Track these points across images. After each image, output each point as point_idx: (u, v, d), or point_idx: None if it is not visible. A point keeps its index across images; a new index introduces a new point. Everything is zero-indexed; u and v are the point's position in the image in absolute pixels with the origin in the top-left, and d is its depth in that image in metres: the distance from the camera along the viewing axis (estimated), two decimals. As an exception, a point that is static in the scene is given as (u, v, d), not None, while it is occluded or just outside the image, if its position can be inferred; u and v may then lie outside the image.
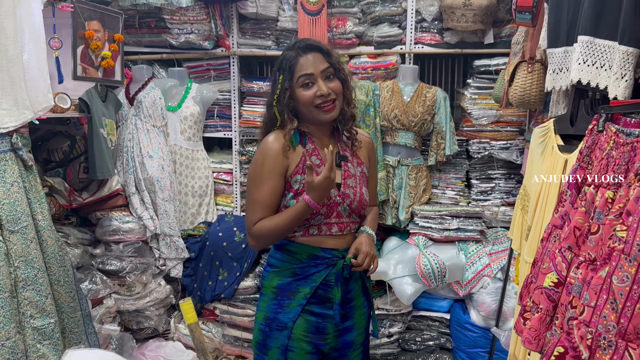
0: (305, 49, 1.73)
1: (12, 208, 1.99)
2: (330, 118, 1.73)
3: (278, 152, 1.71)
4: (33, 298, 2.01)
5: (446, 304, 3.08)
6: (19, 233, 1.99)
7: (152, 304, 3.08)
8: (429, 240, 3.03)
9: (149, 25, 3.37)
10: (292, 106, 1.74)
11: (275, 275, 1.81)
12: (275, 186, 1.72)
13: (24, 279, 1.98)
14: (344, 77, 1.76)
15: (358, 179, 1.81)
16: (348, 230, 1.79)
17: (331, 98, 1.70)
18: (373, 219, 1.94)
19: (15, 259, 1.96)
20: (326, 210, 1.72)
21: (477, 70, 3.24)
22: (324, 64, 1.71)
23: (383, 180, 3.13)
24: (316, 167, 1.73)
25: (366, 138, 1.92)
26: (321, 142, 1.80)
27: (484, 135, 3.21)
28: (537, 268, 1.32)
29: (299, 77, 1.70)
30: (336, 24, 3.26)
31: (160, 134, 3.23)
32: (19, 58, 2.13)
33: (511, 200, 3.22)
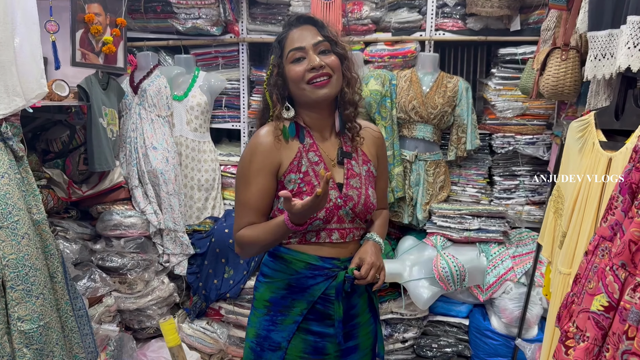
0: (297, 22, 1.54)
1: (1, 202, 1.84)
2: (325, 95, 1.48)
3: (268, 148, 1.50)
4: (22, 299, 1.87)
5: (465, 308, 2.90)
6: (8, 229, 1.84)
7: (155, 302, 2.94)
8: (448, 241, 2.85)
9: (155, 9, 3.21)
10: (280, 85, 1.53)
11: (268, 286, 1.60)
12: (264, 186, 1.51)
13: (12, 278, 1.83)
14: (343, 52, 1.52)
15: (363, 179, 1.58)
16: (351, 238, 1.57)
17: (325, 72, 1.47)
18: (382, 225, 1.71)
19: (4, 256, 1.82)
20: (325, 215, 1.50)
21: (502, 59, 3.03)
22: (317, 37, 1.49)
23: (399, 176, 2.95)
24: (314, 165, 1.52)
25: (373, 132, 1.69)
26: (321, 135, 1.58)
27: (508, 129, 3.00)
28: (580, 286, 1.14)
29: (289, 51, 1.49)
30: (351, 9, 3.06)
31: (165, 125, 3.08)
32: (9, 41, 1.98)
33: (537, 199, 3.03)
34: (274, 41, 1.56)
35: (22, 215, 1.89)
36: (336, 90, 1.51)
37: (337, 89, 1.51)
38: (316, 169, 1.51)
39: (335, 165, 1.56)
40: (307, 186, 1.49)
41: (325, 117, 1.57)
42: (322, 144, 1.57)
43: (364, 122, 1.66)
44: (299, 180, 1.50)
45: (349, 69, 1.54)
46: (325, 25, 1.53)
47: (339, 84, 1.51)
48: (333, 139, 1.59)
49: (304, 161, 1.52)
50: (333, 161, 1.56)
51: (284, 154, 1.51)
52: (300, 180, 1.50)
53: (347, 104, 1.55)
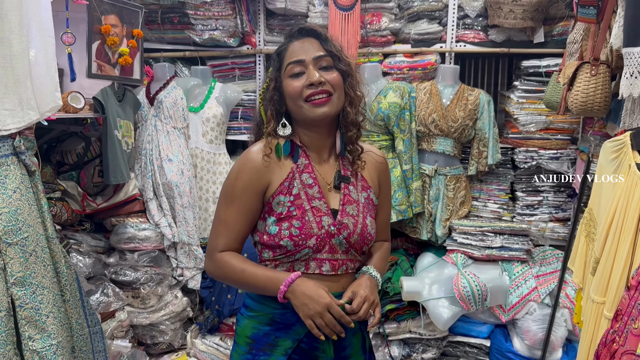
0: (298, 33, 1.41)
1: (12, 218, 1.80)
2: (323, 114, 1.36)
3: (257, 166, 1.38)
4: (32, 317, 1.82)
5: (486, 329, 2.81)
6: (17, 245, 1.80)
7: (168, 317, 2.89)
8: (469, 259, 2.76)
9: (172, 20, 3.19)
10: (276, 100, 1.40)
11: (250, 321, 1.44)
12: (247, 207, 1.39)
13: (20, 296, 1.79)
14: (346, 69, 1.40)
15: (362, 207, 1.44)
16: (344, 270, 1.41)
17: (325, 89, 1.35)
18: (382, 258, 1.56)
19: (12, 274, 1.78)
20: (316, 243, 1.36)
21: (525, 72, 2.95)
22: (318, 51, 1.38)
23: (418, 190, 2.88)
24: (307, 188, 1.39)
25: (376, 157, 1.55)
26: (319, 156, 1.45)
27: (531, 143, 2.92)
28: (622, 324, 1.06)
29: (288, 64, 1.38)
30: (370, 20, 3.01)
31: (181, 136, 3.04)
32: (24, 54, 1.95)
33: (560, 215, 2.94)
34: (273, 53, 1.46)
35: (32, 231, 1.85)
36: (336, 110, 1.39)
37: (337, 108, 1.39)
38: (309, 192, 1.39)
39: (332, 189, 1.44)
40: (297, 210, 1.37)
41: (324, 137, 1.45)
42: (318, 165, 1.44)
43: (366, 146, 1.54)
44: (289, 203, 1.37)
45: (352, 86, 1.42)
46: (328, 38, 1.42)
47: (340, 103, 1.40)
48: (331, 161, 1.47)
49: (296, 183, 1.40)
50: (329, 185, 1.44)
51: (275, 174, 1.40)
52: (291, 203, 1.38)
53: (350, 125, 1.43)
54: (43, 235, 1.93)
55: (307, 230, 1.35)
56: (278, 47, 1.44)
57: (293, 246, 1.35)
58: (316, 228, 1.36)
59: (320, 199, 1.39)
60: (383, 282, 2.81)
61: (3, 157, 1.87)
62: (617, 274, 1.38)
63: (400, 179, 2.84)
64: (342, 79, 1.40)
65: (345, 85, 1.40)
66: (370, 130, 2.88)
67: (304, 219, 1.36)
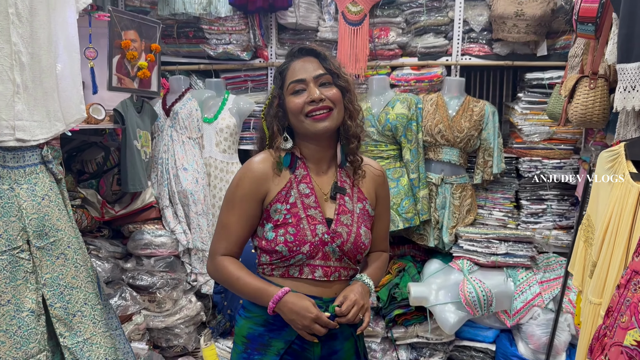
0: (299, 53, 1.51)
1: (41, 223, 1.91)
2: (324, 129, 1.45)
3: (257, 175, 1.48)
4: (61, 316, 1.93)
5: (492, 333, 2.88)
6: (44, 249, 1.91)
7: (182, 321, 2.99)
8: (474, 265, 2.84)
9: (187, 35, 3.31)
10: (280, 117, 1.50)
11: (247, 321, 1.53)
12: (247, 213, 1.48)
13: (50, 297, 1.90)
14: (345, 85, 1.49)
15: (356, 217, 1.51)
16: (336, 277, 1.49)
17: (325, 105, 1.44)
18: (378, 268, 1.63)
19: (42, 276, 1.89)
20: (309, 250, 1.44)
21: (528, 84, 3.04)
22: (318, 70, 1.47)
23: (425, 198, 2.96)
24: (304, 197, 1.47)
25: (375, 170, 1.61)
26: (318, 167, 1.54)
27: (535, 153, 3.00)
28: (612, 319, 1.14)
29: (290, 83, 1.47)
30: (378, 35, 3.12)
31: (196, 146, 3.15)
32: (52, 69, 2.07)
33: (564, 223, 3.01)
34: (276, 71, 1.55)
35: (60, 235, 1.96)
36: (336, 124, 1.48)
37: (337, 122, 1.48)
38: (306, 201, 1.47)
39: (328, 199, 1.51)
40: (293, 218, 1.45)
41: (324, 150, 1.53)
42: (316, 176, 1.53)
43: (365, 159, 1.61)
44: (285, 211, 1.46)
45: (351, 101, 1.50)
46: (327, 57, 1.50)
47: (340, 117, 1.48)
48: (330, 172, 1.55)
49: (293, 192, 1.48)
50: (326, 195, 1.52)
51: (273, 183, 1.48)
52: (287, 211, 1.46)
53: (351, 137, 1.51)
54: (75, 238, 2.04)
55: (301, 237, 1.44)
56: (280, 66, 1.54)
57: (287, 252, 1.44)
58: (310, 235, 1.44)
59: (315, 208, 1.48)
60: (391, 287, 2.90)
61: (33, 166, 1.98)
62: (613, 276, 1.46)
63: (407, 187, 2.93)
64: (342, 94, 1.48)
65: (345, 100, 1.49)
66: (378, 140, 2.98)
67: (299, 227, 1.45)
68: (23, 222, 1.85)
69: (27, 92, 1.93)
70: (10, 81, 1.88)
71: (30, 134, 1.95)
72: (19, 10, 1.87)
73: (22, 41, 1.90)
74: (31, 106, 1.95)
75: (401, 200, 2.90)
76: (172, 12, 3.18)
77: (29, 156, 1.97)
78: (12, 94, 1.88)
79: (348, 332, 1.51)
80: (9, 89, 1.87)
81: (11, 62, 1.88)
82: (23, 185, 1.89)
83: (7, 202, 1.84)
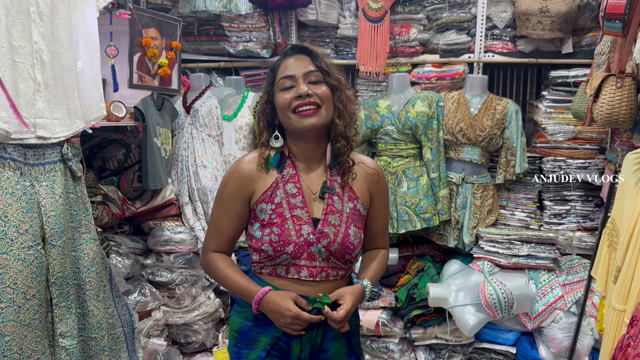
0: (292, 51, 1.52)
1: (57, 221, 1.94)
2: (310, 125, 1.43)
3: (244, 175, 1.50)
4: (64, 316, 1.95)
5: (512, 336, 2.83)
6: (59, 247, 1.93)
7: (201, 317, 3.00)
8: (495, 267, 2.79)
9: (208, 32, 3.32)
10: (268, 113, 1.52)
11: (238, 316, 1.56)
12: (234, 211, 1.51)
13: (57, 295, 1.92)
14: (335, 84, 1.48)
15: (345, 217, 1.49)
16: (323, 277, 1.47)
17: (312, 101, 1.43)
18: (379, 268, 1.61)
19: (53, 274, 1.91)
20: (294, 250, 1.44)
21: (553, 82, 2.97)
22: (309, 67, 1.47)
23: (445, 198, 2.92)
24: (290, 197, 1.48)
25: (367, 168, 1.58)
26: (308, 166, 1.53)
27: (559, 153, 2.93)
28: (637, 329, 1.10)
29: (279, 79, 1.48)
30: (399, 31, 3.08)
31: (215, 144, 3.16)
32: (72, 67, 2.09)
33: (588, 225, 2.94)
34: (269, 69, 1.55)
35: (71, 234, 1.98)
36: (324, 121, 1.46)
37: (325, 120, 1.46)
38: (292, 201, 1.47)
39: (317, 199, 1.50)
40: (278, 218, 1.46)
41: (313, 148, 1.52)
42: (306, 175, 1.52)
43: (359, 157, 1.59)
44: (270, 211, 1.46)
45: (341, 100, 1.48)
46: (319, 55, 1.50)
47: (328, 115, 1.47)
48: (320, 171, 1.53)
49: (279, 192, 1.48)
50: (314, 195, 1.50)
51: (260, 183, 1.49)
52: (272, 211, 1.46)
53: (339, 137, 1.49)
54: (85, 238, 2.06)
55: (285, 237, 1.45)
56: (273, 64, 1.54)
57: (272, 251, 1.45)
58: (294, 236, 1.44)
59: (302, 208, 1.48)
60: (410, 288, 2.87)
61: (52, 163, 2.00)
62: (638, 283, 1.42)
63: (426, 187, 2.89)
64: (331, 92, 1.47)
65: (334, 98, 1.48)
66: (398, 138, 2.94)
67: (284, 227, 1.45)
68: (41, 220, 1.88)
69: (48, 90, 1.96)
70: (31, 79, 1.90)
71: (50, 132, 1.98)
72: (40, 9, 1.89)
73: (43, 40, 1.92)
74: (52, 104, 1.98)
75: (419, 200, 2.86)
76: (193, 10, 3.19)
77: (49, 154, 1.99)
78: (33, 92, 1.90)
79: (337, 332, 1.50)
80: (30, 87, 1.90)
81: (32, 61, 1.90)
82: (43, 182, 1.92)
83: (30, 199, 1.87)
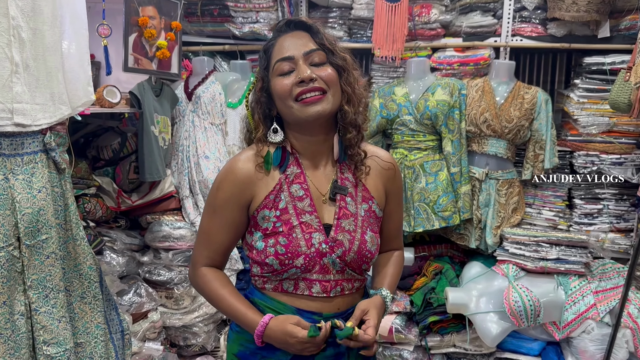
0: (287, 27, 1.28)
1: (34, 218, 1.74)
2: (316, 114, 1.21)
3: (240, 178, 1.27)
4: (46, 322, 1.76)
5: (537, 346, 2.62)
6: (34, 247, 1.73)
7: (201, 319, 2.80)
8: (521, 271, 2.57)
9: (212, 13, 3.09)
10: (264, 103, 1.28)
11: (238, 337, 1.34)
12: (229, 220, 1.29)
13: (35, 300, 1.73)
14: (341, 63, 1.26)
15: (360, 221, 1.29)
16: (338, 292, 1.28)
17: (317, 86, 1.21)
18: (396, 274, 1.43)
19: (28, 277, 1.72)
20: (304, 262, 1.23)
21: (587, 69, 2.73)
22: (309, 45, 1.24)
23: (467, 195, 2.69)
24: (297, 200, 1.26)
25: (382, 162, 1.37)
26: (314, 163, 1.31)
27: (592, 147, 2.70)
28: None
29: (276, 62, 1.24)
30: (419, 12, 2.83)
31: (218, 133, 2.95)
32: (57, 46, 1.89)
33: (622, 226, 2.72)
34: (260, 50, 1.32)
35: (53, 233, 1.78)
36: (331, 108, 1.24)
37: (332, 107, 1.24)
38: (299, 205, 1.26)
39: (327, 201, 1.29)
40: (284, 226, 1.24)
41: (319, 142, 1.30)
42: (312, 174, 1.30)
43: (371, 148, 1.38)
44: (275, 219, 1.25)
45: (349, 83, 1.27)
46: (320, 31, 1.27)
47: (335, 101, 1.25)
48: (328, 168, 1.32)
49: (284, 195, 1.27)
50: (324, 197, 1.30)
51: (260, 186, 1.27)
52: (277, 218, 1.25)
53: (349, 126, 1.28)
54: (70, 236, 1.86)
55: (294, 248, 1.23)
56: (265, 43, 1.31)
57: (279, 265, 1.24)
58: (305, 246, 1.23)
59: (311, 213, 1.27)
60: (427, 292, 2.66)
61: (32, 154, 1.81)
62: None
63: (446, 182, 2.67)
64: (338, 74, 1.26)
65: (341, 81, 1.26)
66: (416, 129, 2.71)
67: (291, 236, 1.24)
68: (15, 217, 1.68)
69: (28, 71, 1.77)
70: (7, 59, 1.71)
71: (31, 118, 1.79)
72: (17, -21, 1.68)
73: (22, 15, 1.73)
74: (32, 87, 1.79)
75: (438, 197, 2.63)
76: (196, -13, 2.97)
77: (28, 143, 1.80)
78: (9, 74, 1.72)
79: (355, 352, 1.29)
80: (6, 68, 1.71)
81: (9, 38, 1.71)
82: (19, 175, 1.72)
83: (1, 194, 1.67)
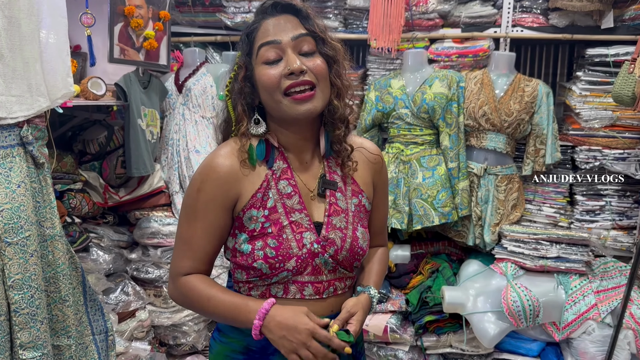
0: (273, 9, 1.15)
1: (14, 215, 1.66)
2: (307, 112, 1.12)
3: (223, 175, 1.14)
4: (26, 324, 1.67)
5: (536, 346, 2.54)
6: (17, 245, 1.66)
7: (191, 318, 2.72)
8: (520, 269, 2.49)
9: (203, 2, 3.00)
10: (247, 93, 1.16)
11: (222, 347, 1.24)
12: (213, 223, 1.16)
13: (17, 301, 1.65)
14: (332, 53, 1.16)
15: (351, 216, 1.21)
16: (331, 292, 1.19)
17: (307, 79, 1.11)
18: (381, 272, 1.34)
19: (10, 277, 1.63)
20: (296, 265, 1.14)
21: (589, 61, 2.64)
22: (298, 29, 1.13)
23: (465, 191, 2.61)
24: (285, 198, 1.17)
25: (369, 154, 1.30)
26: (300, 158, 1.22)
27: (594, 142, 2.61)
28: None
29: (260, 47, 1.13)
30: (416, 2, 2.74)
31: (210, 126, 2.86)
32: (34, 35, 1.81)
33: (625, 223, 2.64)
34: (242, 33, 1.20)
35: (34, 230, 1.70)
36: (322, 105, 1.15)
37: (323, 103, 1.15)
38: (288, 203, 1.17)
39: (315, 197, 1.21)
40: (273, 226, 1.15)
41: (306, 136, 1.21)
42: (299, 169, 1.22)
43: (357, 140, 1.30)
44: (263, 219, 1.15)
45: (339, 75, 1.18)
46: (310, 15, 1.16)
47: (325, 96, 1.15)
48: (315, 163, 1.24)
49: (272, 193, 1.17)
50: (312, 193, 1.21)
51: (246, 184, 1.16)
52: (265, 218, 1.15)
53: (338, 122, 1.19)
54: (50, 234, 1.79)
55: (285, 250, 1.14)
56: (248, 26, 1.18)
57: (268, 269, 1.14)
58: (296, 248, 1.15)
59: (301, 211, 1.18)
60: (423, 290, 2.59)
61: (8, 148, 1.72)
62: None
63: (444, 178, 2.58)
64: (328, 66, 1.16)
65: (331, 74, 1.17)
66: (413, 123, 2.63)
67: (281, 237, 1.14)
68: (-6, 214, 1.60)
69: (3, 61, 1.69)
70: (-21, 49, 1.62)
71: (6, 111, 1.71)
72: (-12, -36, 1.60)
73: (-4, 2, 1.64)
74: (8, 78, 1.70)
75: (437, 193, 2.55)
76: (186, -24, 2.88)
77: (4, 137, 1.72)
78: (-18, 64, 1.63)
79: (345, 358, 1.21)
80: (-21, 58, 1.62)
81: (-19, 27, 1.62)
82: (-5, 170, 1.64)
83: (-23, 191, 1.59)
